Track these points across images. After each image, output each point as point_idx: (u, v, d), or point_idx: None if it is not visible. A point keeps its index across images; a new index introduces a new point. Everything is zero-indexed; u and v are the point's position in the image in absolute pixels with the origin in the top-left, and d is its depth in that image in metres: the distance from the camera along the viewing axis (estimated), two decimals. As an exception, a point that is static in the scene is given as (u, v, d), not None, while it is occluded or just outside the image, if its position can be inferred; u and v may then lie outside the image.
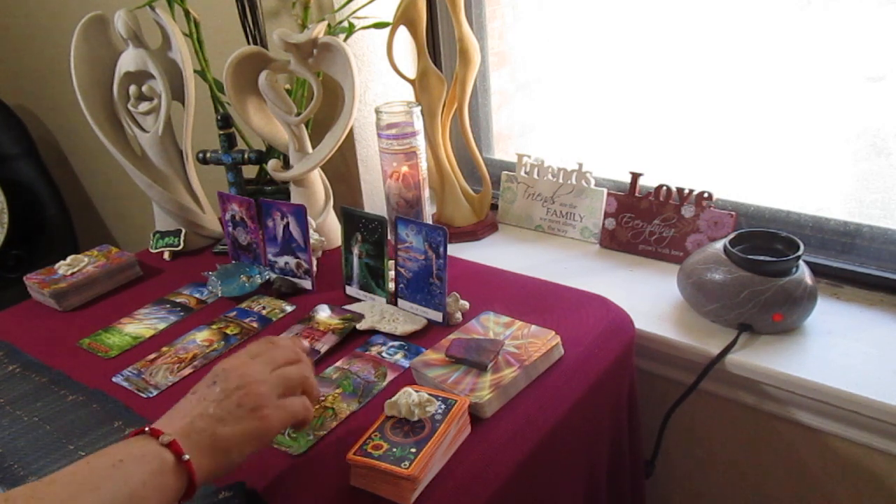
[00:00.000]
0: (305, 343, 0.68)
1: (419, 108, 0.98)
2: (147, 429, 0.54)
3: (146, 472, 0.51)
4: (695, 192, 1.00)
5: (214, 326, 0.89)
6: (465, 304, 0.87)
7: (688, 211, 1.01)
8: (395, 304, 0.89)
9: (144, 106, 1.06)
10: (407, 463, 0.58)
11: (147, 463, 0.51)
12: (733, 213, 0.98)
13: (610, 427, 0.82)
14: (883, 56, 0.93)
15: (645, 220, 1.05)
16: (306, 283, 0.96)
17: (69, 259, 1.02)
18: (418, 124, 0.98)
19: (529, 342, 0.75)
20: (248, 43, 1.17)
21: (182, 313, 0.93)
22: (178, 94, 1.06)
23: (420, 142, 0.99)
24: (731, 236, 0.89)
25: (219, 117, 1.08)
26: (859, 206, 0.98)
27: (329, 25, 1.04)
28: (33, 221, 1.91)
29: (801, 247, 0.84)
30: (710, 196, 0.99)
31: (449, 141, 1.16)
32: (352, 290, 0.93)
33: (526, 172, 1.18)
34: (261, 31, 1.17)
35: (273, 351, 0.61)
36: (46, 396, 0.77)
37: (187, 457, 0.53)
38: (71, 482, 0.49)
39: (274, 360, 0.60)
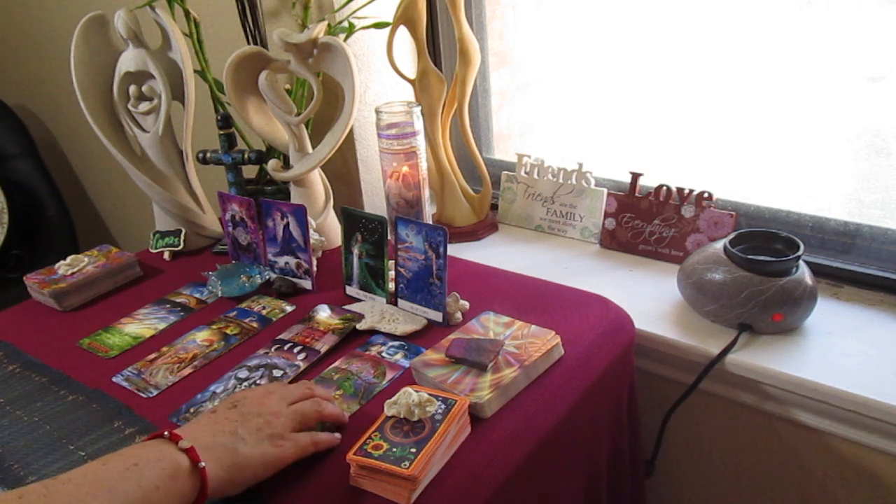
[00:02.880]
0: (321, 390, 0.71)
1: (419, 108, 0.98)
2: (166, 433, 0.55)
3: (160, 475, 0.51)
4: (695, 192, 1.00)
5: (214, 326, 0.88)
6: (465, 304, 0.87)
7: (688, 211, 1.01)
8: (395, 304, 0.89)
9: (144, 106, 1.06)
10: (407, 463, 0.58)
11: (162, 467, 0.52)
12: (733, 213, 0.98)
13: (610, 427, 0.82)
14: (883, 56, 0.93)
15: (645, 220, 1.05)
16: (306, 283, 0.96)
17: (69, 259, 1.02)
18: (418, 124, 0.98)
19: (529, 342, 0.75)
20: (248, 43, 1.17)
21: (182, 313, 0.93)
22: (178, 94, 1.06)
23: (420, 142, 0.99)
24: (731, 236, 0.89)
25: (219, 117, 1.08)
26: (859, 206, 0.98)
27: (329, 25, 1.04)
28: (33, 221, 1.91)
29: (801, 247, 0.84)
30: (710, 196, 0.99)
31: (449, 141, 1.16)
32: (352, 290, 0.93)
33: (526, 172, 1.18)
34: (261, 31, 1.17)
35: (287, 387, 0.66)
36: (46, 396, 0.77)
37: (203, 464, 0.53)
38: (84, 482, 0.49)
39: (288, 395, 0.64)
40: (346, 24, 1.08)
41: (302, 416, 0.63)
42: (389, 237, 0.89)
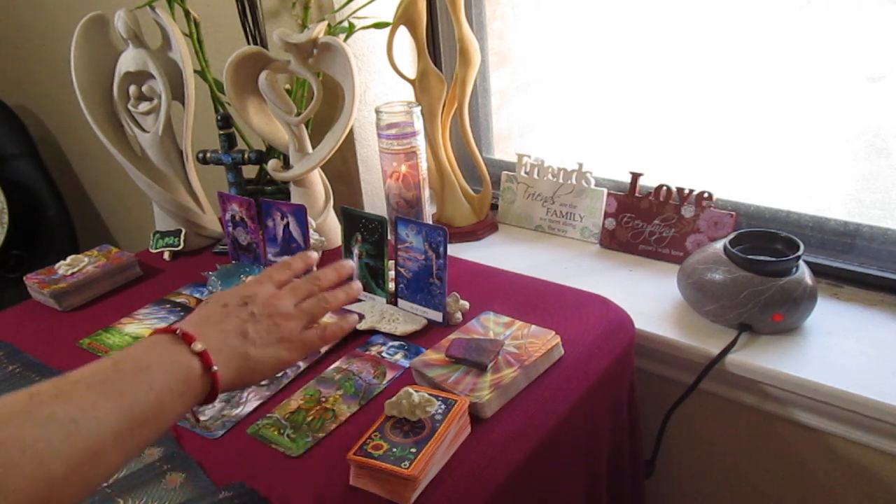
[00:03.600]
0: (314, 254, 0.70)
1: (419, 108, 0.98)
2: (178, 331, 0.54)
3: (172, 378, 0.51)
4: (695, 192, 1.00)
5: (214, 326, 0.88)
6: (465, 304, 0.87)
7: (688, 211, 1.01)
8: (395, 304, 0.89)
9: (144, 106, 1.06)
10: (407, 463, 0.58)
11: (174, 371, 0.52)
12: (733, 213, 0.98)
13: (610, 427, 0.82)
14: (883, 56, 0.93)
15: (645, 220, 1.05)
16: (306, 283, 0.96)
17: (69, 259, 1.02)
18: (418, 124, 0.98)
19: (529, 342, 0.75)
20: (248, 43, 1.17)
21: (182, 313, 0.93)
22: (178, 94, 1.06)
23: (420, 142, 0.99)
24: (731, 236, 0.89)
25: (219, 117, 1.08)
26: (859, 206, 0.98)
27: (329, 25, 1.04)
28: (33, 221, 1.91)
29: (801, 247, 0.84)
30: (710, 196, 0.99)
31: (449, 141, 1.16)
32: (352, 290, 0.93)
33: (526, 172, 1.18)
34: (261, 31, 1.17)
35: (296, 283, 0.65)
36: (46, 396, 0.76)
37: (216, 368, 0.53)
38: (95, 383, 0.48)
39: (298, 292, 0.63)
40: (346, 24, 1.08)
41: (310, 316, 0.62)
42: (389, 237, 0.89)
